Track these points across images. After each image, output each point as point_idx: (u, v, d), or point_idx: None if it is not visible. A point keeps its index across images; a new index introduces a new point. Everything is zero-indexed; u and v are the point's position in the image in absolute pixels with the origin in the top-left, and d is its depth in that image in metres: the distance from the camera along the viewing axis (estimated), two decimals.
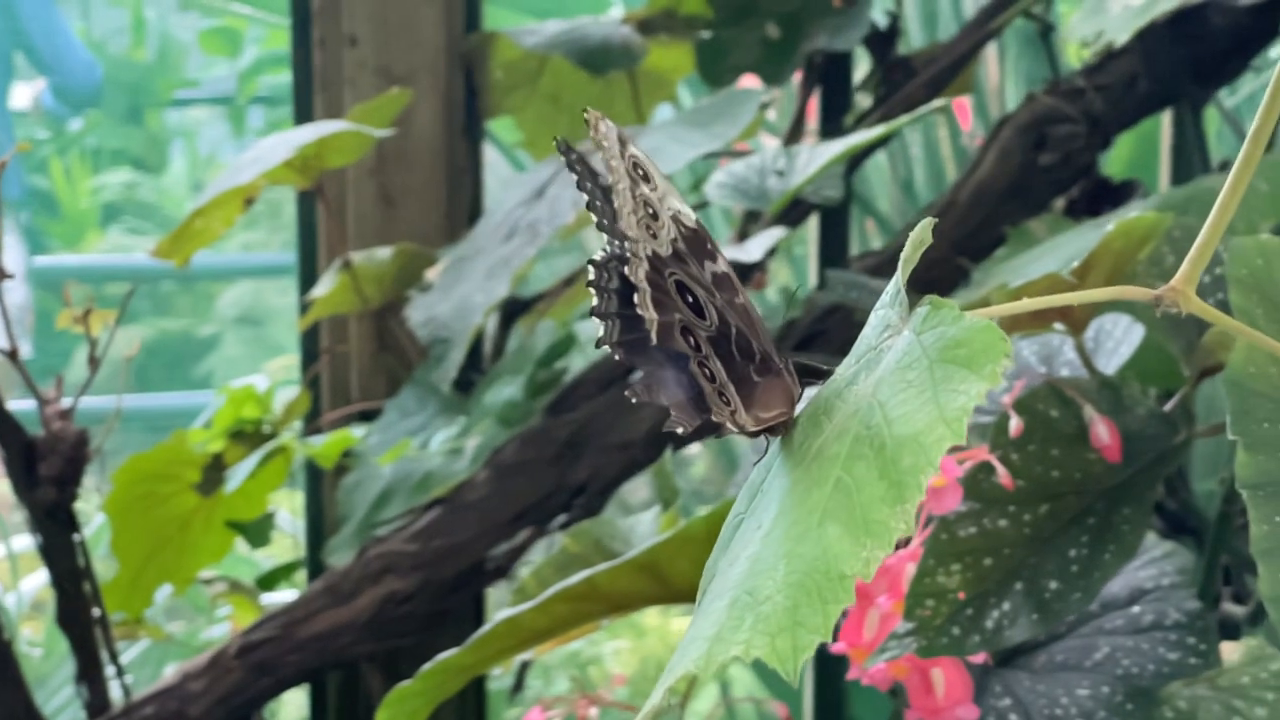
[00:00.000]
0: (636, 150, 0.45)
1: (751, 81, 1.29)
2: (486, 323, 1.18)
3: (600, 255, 0.46)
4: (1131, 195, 1.17)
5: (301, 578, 1.37)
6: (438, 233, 1.31)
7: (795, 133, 1.29)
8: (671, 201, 0.46)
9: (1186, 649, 0.75)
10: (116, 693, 1.16)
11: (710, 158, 1.23)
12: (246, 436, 1.27)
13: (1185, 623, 0.76)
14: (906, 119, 1.07)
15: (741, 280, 0.48)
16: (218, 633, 1.67)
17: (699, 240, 0.46)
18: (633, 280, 0.45)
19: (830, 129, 1.28)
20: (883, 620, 0.70)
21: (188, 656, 1.40)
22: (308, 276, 1.33)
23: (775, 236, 1.08)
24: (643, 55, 1.28)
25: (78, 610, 1.12)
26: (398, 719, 0.77)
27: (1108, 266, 0.70)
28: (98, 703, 1.14)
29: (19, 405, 1.14)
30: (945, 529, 0.70)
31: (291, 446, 1.24)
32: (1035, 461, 0.71)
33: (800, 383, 0.46)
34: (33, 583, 2.10)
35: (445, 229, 1.31)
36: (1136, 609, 0.77)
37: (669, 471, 0.92)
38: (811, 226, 1.32)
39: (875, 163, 1.79)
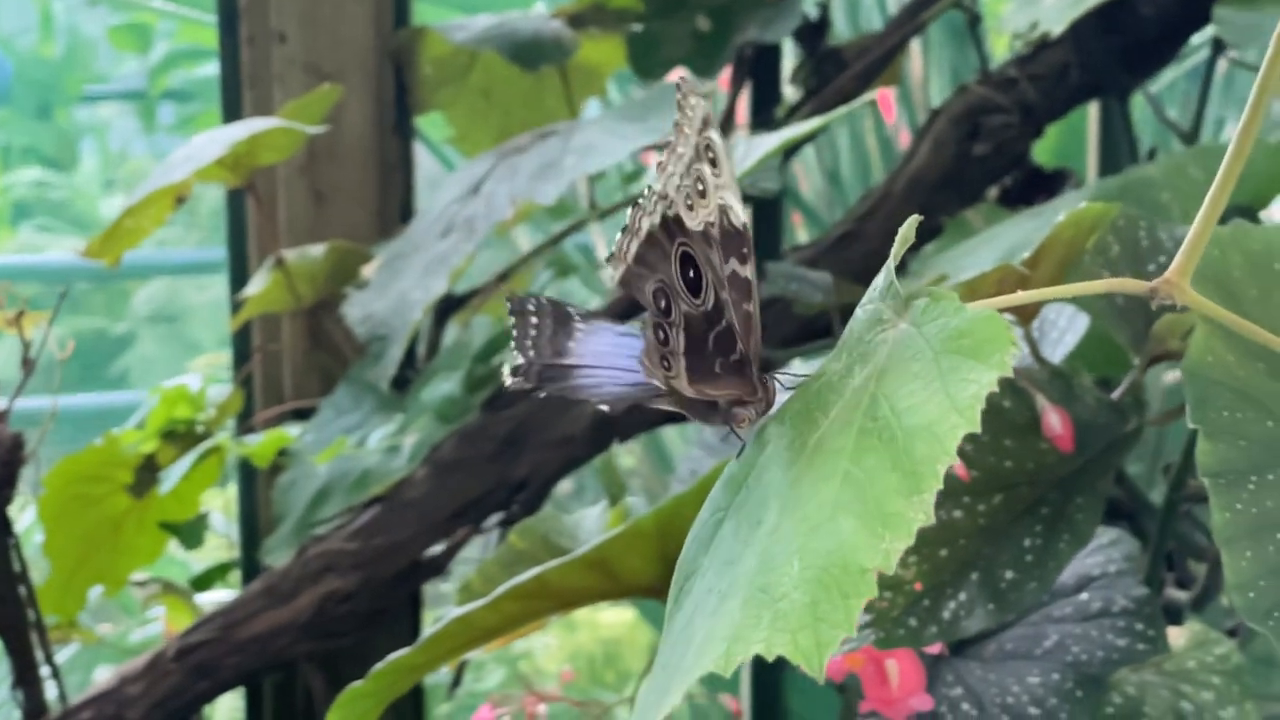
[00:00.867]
0: (715, 136, 0.47)
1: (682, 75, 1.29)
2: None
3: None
4: (1064, 184, 1.17)
5: (236, 578, 1.36)
6: (369, 230, 1.31)
7: (726, 126, 1.29)
8: (727, 195, 0.47)
9: (1134, 635, 0.76)
10: (52, 695, 1.15)
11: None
12: (179, 437, 1.26)
13: (1133, 609, 0.77)
14: (842, 110, 1.07)
15: None
16: (148, 634, 1.65)
17: (736, 239, 0.47)
18: (630, 225, 0.46)
19: (760, 122, 1.29)
20: None
21: (119, 659, 1.38)
22: (238, 275, 1.32)
23: None
24: (574, 49, 1.28)
25: (13, 614, 1.10)
26: None
27: (1059, 255, 0.70)
28: (34, 708, 1.13)
29: None
30: None
31: (226, 446, 1.23)
32: (988, 452, 0.71)
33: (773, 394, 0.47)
34: None
35: (377, 226, 1.31)
36: (1084, 596, 0.78)
37: (615, 467, 0.92)
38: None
39: (801, 154, 1.80)
